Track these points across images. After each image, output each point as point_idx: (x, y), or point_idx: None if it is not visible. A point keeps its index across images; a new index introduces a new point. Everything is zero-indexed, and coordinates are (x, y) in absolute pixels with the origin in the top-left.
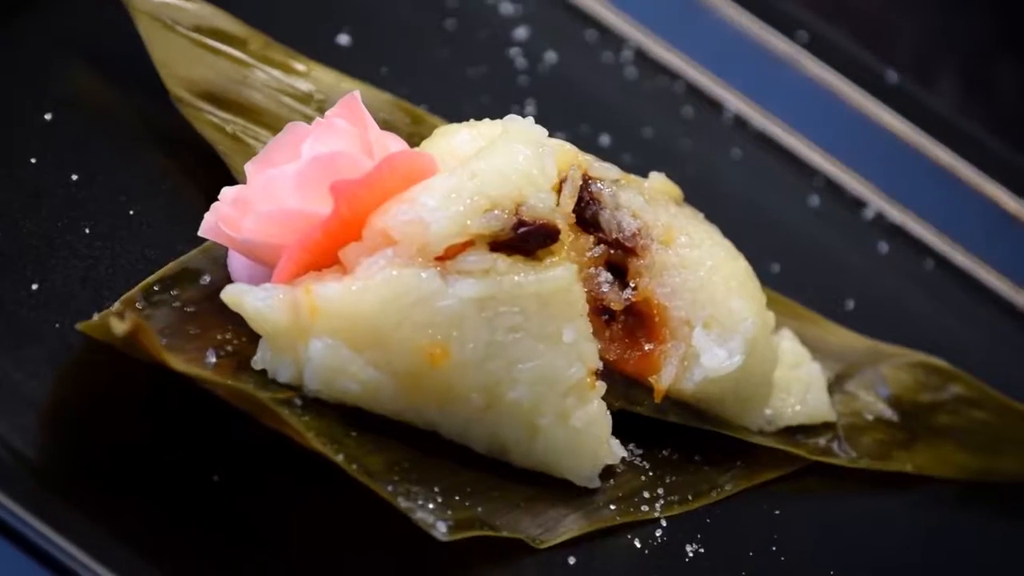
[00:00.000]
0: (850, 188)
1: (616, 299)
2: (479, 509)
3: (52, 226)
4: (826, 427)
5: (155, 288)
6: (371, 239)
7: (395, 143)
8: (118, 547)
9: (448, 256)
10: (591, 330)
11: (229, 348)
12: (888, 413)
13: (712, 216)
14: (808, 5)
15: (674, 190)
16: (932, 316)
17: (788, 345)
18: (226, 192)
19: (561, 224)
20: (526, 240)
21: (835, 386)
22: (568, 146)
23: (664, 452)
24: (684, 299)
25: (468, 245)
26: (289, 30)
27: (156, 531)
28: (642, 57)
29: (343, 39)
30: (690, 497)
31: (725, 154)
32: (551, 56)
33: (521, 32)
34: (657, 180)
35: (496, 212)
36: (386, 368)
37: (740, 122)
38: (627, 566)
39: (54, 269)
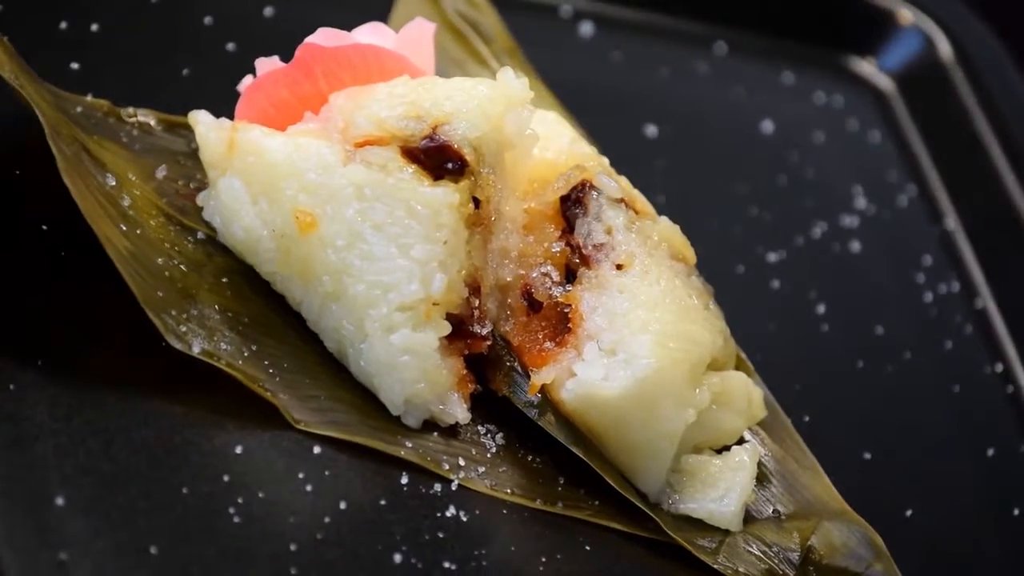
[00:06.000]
0: None
1: (540, 291)
2: (277, 379)
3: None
4: (722, 532)
5: (180, 125)
6: (324, 113)
7: None
8: None
9: (363, 146)
10: (461, 271)
11: (193, 184)
12: (794, 556)
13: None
14: None
15: (684, 248)
16: None
17: (742, 452)
18: None
19: (471, 158)
20: (428, 154)
21: (778, 519)
22: (588, 150)
23: (529, 457)
24: (602, 318)
25: (386, 144)
26: (603, 104)
27: None
28: (966, 296)
29: (650, 130)
30: (509, 490)
31: (944, 387)
32: (855, 246)
33: (849, 220)
34: (666, 226)
35: (415, 121)
36: (269, 224)
37: (1004, 375)
38: (365, 485)
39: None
